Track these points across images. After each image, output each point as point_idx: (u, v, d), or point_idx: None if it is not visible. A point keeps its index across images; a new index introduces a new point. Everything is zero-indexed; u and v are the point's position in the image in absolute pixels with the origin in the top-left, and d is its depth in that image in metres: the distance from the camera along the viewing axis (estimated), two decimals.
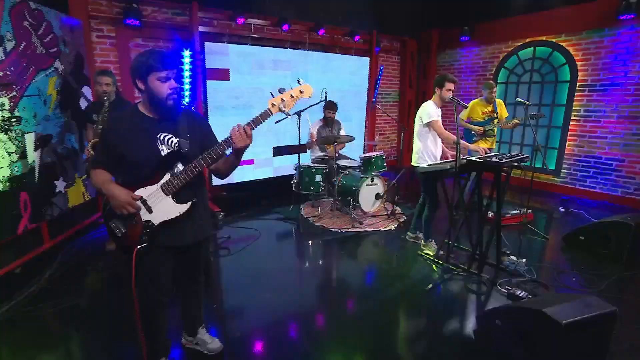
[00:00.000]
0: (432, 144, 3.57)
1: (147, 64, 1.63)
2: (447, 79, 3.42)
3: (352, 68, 6.51)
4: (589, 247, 3.79)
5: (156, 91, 1.66)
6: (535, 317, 2.09)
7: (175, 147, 1.74)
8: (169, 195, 1.74)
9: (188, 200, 1.79)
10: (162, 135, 1.73)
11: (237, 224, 4.61)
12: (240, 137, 1.66)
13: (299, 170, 4.73)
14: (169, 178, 1.73)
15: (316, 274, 3.46)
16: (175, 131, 1.75)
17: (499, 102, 4.86)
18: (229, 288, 3.22)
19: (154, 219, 1.75)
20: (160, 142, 1.73)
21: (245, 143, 1.67)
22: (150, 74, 1.64)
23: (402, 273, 3.43)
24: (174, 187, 1.73)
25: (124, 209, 1.71)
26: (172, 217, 1.77)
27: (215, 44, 4.86)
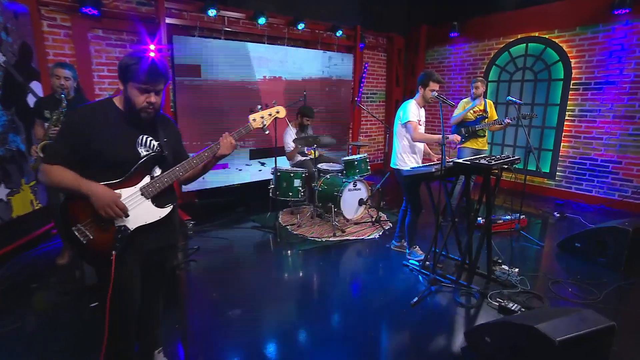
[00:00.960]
0: (412, 144, 3.50)
1: (130, 69, 1.62)
2: (432, 78, 3.35)
3: (337, 65, 6.44)
4: (586, 254, 3.75)
5: (132, 100, 1.66)
6: (527, 333, 2.01)
7: (156, 150, 1.75)
8: (148, 198, 1.73)
9: (168, 204, 1.79)
10: (143, 136, 1.73)
11: (209, 233, 4.45)
12: (226, 145, 1.84)
13: (276, 175, 4.60)
14: (149, 181, 1.72)
15: (292, 288, 3.32)
16: (155, 133, 1.77)
17: (490, 102, 4.85)
18: (195, 305, 3.05)
19: (130, 223, 1.71)
20: (140, 144, 1.72)
21: (229, 151, 1.86)
22: (131, 80, 1.63)
23: (386, 285, 3.32)
24: (155, 190, 1.73)
25: (109, 209, 1.62)
26: (150, 222, 1.75)
27: (185, 38, 4.73)
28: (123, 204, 1.66)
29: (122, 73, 1.64)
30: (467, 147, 4.79)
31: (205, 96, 4.98)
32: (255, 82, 5.46)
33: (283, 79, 5.79)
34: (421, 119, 3.52)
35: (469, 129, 4.75)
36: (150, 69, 1.63)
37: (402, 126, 3.46)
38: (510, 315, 2.75)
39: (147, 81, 1.63)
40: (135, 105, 1.66)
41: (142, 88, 1.63)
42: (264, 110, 1.93)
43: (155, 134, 1.76)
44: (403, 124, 3.44)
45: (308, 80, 6.11)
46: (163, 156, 1.76)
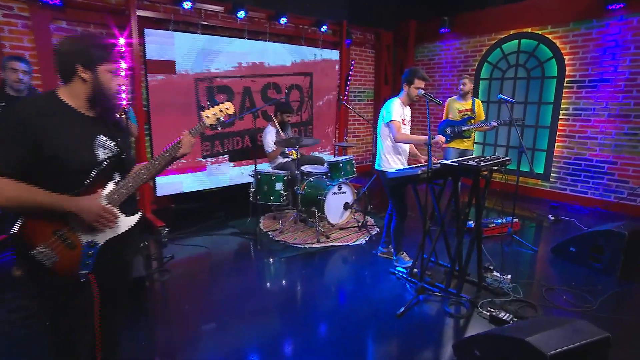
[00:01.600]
0: (396, 145, 3.45)
1: (101, 51, 1.51)
2: (417, 75, 3.29)
3: (320, 65, 6.37)
4: (581, 259, 3.73)
5: (106, 85, 1.54)
6: (517, 346, 1.96)
7: (116, 152, 1.61)
8: (116, 207, 1.59)
9: (135, 211, 1.69)
10: (101, 137, 1.57)
11: (184, 240, 4.34)
12: (188, 144, 1.77)
13: (256, 178, 4.50)
14: (114, 187, 1.59)
15: (272, 298, 3.22)
16: (111, 133, 1.63)
17: (478, 102, 4.84)
18: (165, 319, 2.94)
19: (99, 237, 1.56)
20: (98, 145, 1.56)
21: (189, 150, 1.79)
22: (103, 63, 1.51)
23: (371, 295, 3.25)
24: (121, 197, 1.60)
25: (102, 219, 1.49)
26: (120, 233, 1.62)
27: (158, 32, 4.60)
28: (111, 208, 1.54)
29: (88, 57, 1.48)
30: (452, 147, 4.77)
31: (180, 93, 4.86)
32: (235, 80, 5.36)
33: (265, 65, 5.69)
34: (406, 118, 3.47)
35: (454, 129, 4.74)
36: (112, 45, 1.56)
37: (385, 126, 3.40)
38: (501, 325, 2.70)
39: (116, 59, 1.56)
40: (110, 90, 1.55)
41: (114, 70, 1.54)
42: (214, 107, 1.93)
43: (111, 134, 1.62)
44: (386, 124, 3.38)
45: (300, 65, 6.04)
46: (122, 158, 1.64)
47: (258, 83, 5.65)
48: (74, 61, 1.48)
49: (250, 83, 5.56)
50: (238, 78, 5.42)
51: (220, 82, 5.23)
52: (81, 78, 1.50)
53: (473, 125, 4.68)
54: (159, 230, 4.34)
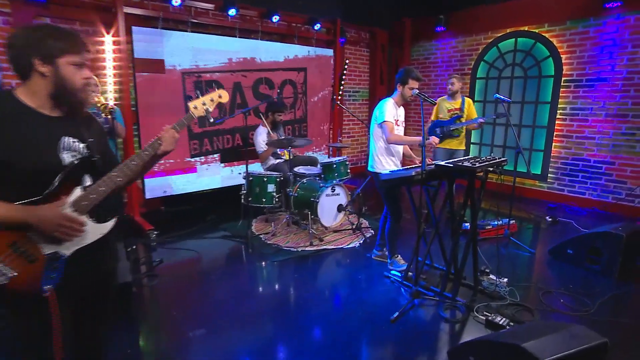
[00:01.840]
0: (389, 145, 3.43)
1: (61, 41, 1.38)
2: (411, 75, 3.28)
3: (314, 61, 6.35)
4: (578, 261, 3.73)
5: (69, 80, 1.41)
6: (513, 352, 1.94)
7: (84, 154, 1.49)
8: (83, 214, 1.46)
9: (111, 216, 1.56)
10: (66, 138, 1.45)
11: (174, 244, 4.30)
12: (168, 140, 1.59)
13: (248, 180, 4.47)
14: (81, 193, 1.45)
15: (263, 303, 3.19)
16: (79, 134, 1.50)
17: (468, 101, 4.86)
18: (151, 326, 2.90)
19: (65, 248, 1.44)
20: (63, 148, 1.44)
21: (171, 147, 1.61)
22: (64, 55, 1.38)
23: (365, 299, 3.22)
24: (90, 203, 1.47)
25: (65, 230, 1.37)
26: (92, 241, 1.50)
27: (146, 29, 4.55)
28: (74, 216, 1.41)
29: (45, 50, 1.36)
30: (442, 147, 4.79)
31: (170, 93, 4.82)
32: (225, 75, 5.32)
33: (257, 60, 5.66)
34: (399, 119, 3.46)
35: (443, 129, 4.77)
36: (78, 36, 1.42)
37: (378, 127, 3.38)
38: (497, 330, 2.68)
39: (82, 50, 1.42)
40: (74, 85, 1.42)
41: (78, 62, 1.42)
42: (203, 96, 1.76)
43: (80, 134, 1.50)
44: (379, 125, 3.37)
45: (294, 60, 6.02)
46: (93, 161, 1.51)
47: (249, 78, 5.60)
48: (30, 54, 1.35)
49: (241, 78, 5.51)
50: (228, 73, 5.38)
51: (209, 77, 5.18)
52: (40, 73, 1.38)
53: (461, 123, 4.71)
54: (148, 234, 4.30)
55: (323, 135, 6.80)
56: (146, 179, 4.83)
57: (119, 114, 3.71)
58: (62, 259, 1.43)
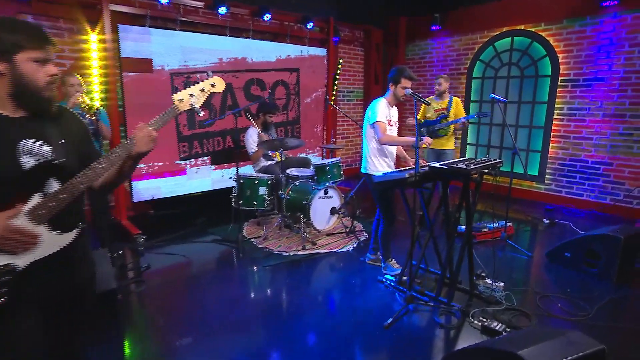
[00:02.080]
0: (382, 146, 3.42)
1: (18, 36, 1.31)
2: (404, 74, 3.26)
3: (307, 61, 6.33)
4: (576, 264, 3.72)
5: (29, 78, 1.33)
6: None
7: (48, 157, 1.41)
8: (41, 224, 1.39)
9: (74, 226, 1.49)
10: (27, 141, 1.38)
11: (163, 249, 4.25)
12: (144, 139, 1.46)
13: (238, 182, 4.43)
14: (40, 201, 1.37)
15: (253, 310, 3.15)
16: (45, 135, 1.42)
17: (457, 100, 4.90)
18: (139, 333, 2.86)
19: (19, 260, 1.37)
20: (23, 152, 1.37)
21: (148, 147, 1.47)
22: (22, 51, 1.31)
23: (358, 305, 3.19)
24: (49, 212, 1.38)
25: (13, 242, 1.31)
26: (50, 253, 1.42)
27: (133, 27, 4.51)
28: (24, 227, 1.33)
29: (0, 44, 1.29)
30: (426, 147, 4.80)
31: (158, 93, 4.77)
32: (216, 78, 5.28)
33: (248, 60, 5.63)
34: (392, 119, 3.44)
35: (428, 128, 4.82)
36: (39, 30, 1.35)
37: (370, 127, 3.37)
38: (493, 336, 2.66)
39: (43, 44, 1.34)
40: (36, 83, 1.35)
41: (40, 58, 1.34)
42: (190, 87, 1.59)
43: (45, 136, 1.42)
44: (371, 125, 3.35)
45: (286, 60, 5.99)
46: (56, 165, 1.42)
47: (240, 79, 5.57)
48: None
49: (232, 79, 5.47)
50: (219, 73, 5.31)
51: (199, 78, 5.14)
52: None
53: (445, 123, 4.77)
54: (136, 239, 4.24)
55: (316, 137, 6.77)
56: (134, 181, 4.78)
57: (105, 115, 3.66)
58: (15, 271, 1.35)
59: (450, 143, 4.92)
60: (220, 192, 5.50)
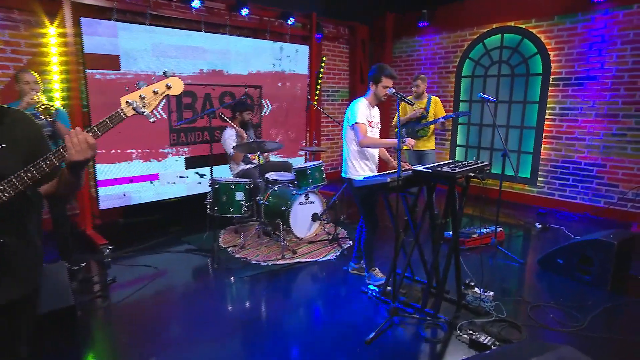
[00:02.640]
0: (365, 150, 3.37)
1: None
2: (384, 73, 3.22)
3: (290, 58, 6.26)
4: (569, 272, 3.70)
5: None
6: None
7: None
8: None
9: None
10: None
11: (131, 260, 4.12)
12: (78, 147, 1.36)
13: (213, 187, 4.33)
14: None
15: (227, 325, 3.04)
16: None
17: (435, 100, 4.95)
18: (100, 354, 2.74)
19: None
20: None
21: (84, 155, 1.38)
22: None
23: (339, 318, 3.11)
24: None
25: None
26: None
27: (98, 21, 4.37)
28: None
29: None
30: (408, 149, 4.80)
31: (125, 93, 4.64)
32: (189, 77, 5.18)
33: (225, 72, 5.54)
34: (374, 120, 3.39)
35: (408, 130, 4.88)
36: None
37: (350, 129, 3.31)
38: (482, 351, 2.61)
39: None
40: None
41: None
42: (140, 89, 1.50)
43: None
44: (351, 126, 3.30)
45: (256, 75, 5.89)
46: None
47: (217, 90, 5.54)
48: None
49: (210, 90, 5.46)
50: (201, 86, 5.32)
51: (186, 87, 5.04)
52: None
53: (426, 123, 4.83)
54: (101, 249, 4.11)
55: (299, 139, 6.69)
56: (100, 187, 4.64)
57: (64, 116, 3.53)
58: None
59: (431, 143, 4.98)
60: (197, 198, 5.37)
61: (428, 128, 4.87)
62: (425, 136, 4.91)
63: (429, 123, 4.81)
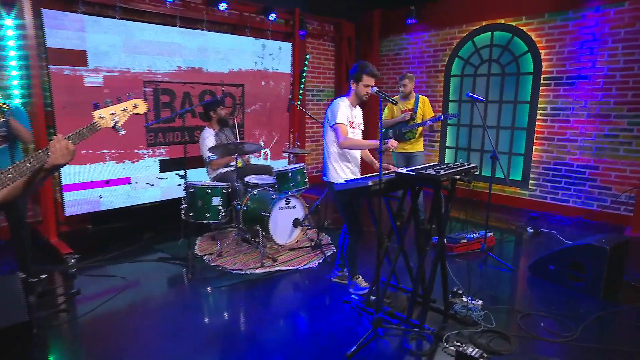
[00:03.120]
0: (346, 152, 3.31)
1: None
2: (365, 71, 3.17)
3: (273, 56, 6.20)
4: (561, 278, 3.68)
5: None
6: None
7: None
8: None
9: None
10: None
11: (100, 270, 3.99)
12: (61, 152, 1.56)
13: (188, 191, 4.22)
14: None
15: (198, 340, 2.94)
16: None
17: (423, 99, 4.90)
18: None
19: None
20: None
21: (65, 160, 1.59)
22: None
23: (319, 330, 3.03)
24: None
25: None
26: None
27: (63, 14, 4.24)
28: None
29: None
30: (397, 151, 4.85)
31: (95, 91, 4.53)
32: (165, 74, 5.08)
33: (204, 70, 5.45)
34: (355, 121, 3.34)
35: (396, 132, 4.82)
36: None
37: (331, 130, 3.25)
38: None
39: None
40: None
41: None
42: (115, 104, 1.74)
43: None
44: (331, 127, 3.24)
45: (237, 74, 5.81)
46: None
47: (197, 89, 5.45)
48: None
49: (190, 88, 5.38)
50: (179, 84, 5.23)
51: (147, 76, 4.94)
52: None
53: (413, 125, 4.77)
54: (65, 259, 3.97)
55: (282, 141, 6.61)
56: (66, 192, 4.50)
57: (22, 115, 3.39)
58: None
59: (419, 145, 4.92)
60: (174, 203, 5.26)
61: (416, 130, 4.83)
62: (413, 138, 4.87)
63: (417, 125, 4.78)
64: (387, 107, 4.94)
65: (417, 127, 4.79)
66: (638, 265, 4.19)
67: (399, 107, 4.86)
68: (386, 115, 4.93)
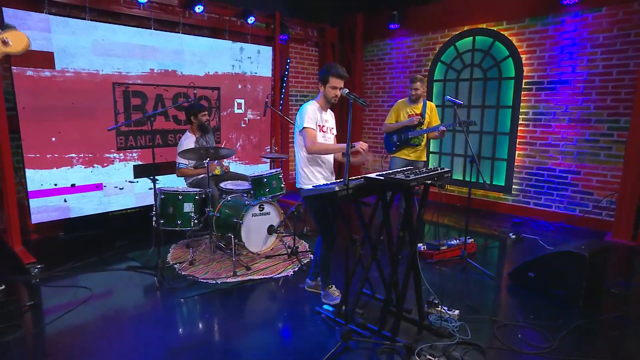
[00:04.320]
0: (316, 156, 3.16)
1: None
2: (332, 72, 3.04)
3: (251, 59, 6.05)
4: (541, 286, 3.54)
5: None
6: None
7: None
8: None
9: None
10: None
11: (64, 280, 3.78)
12: None
13: (159, 197, 4.04)
14: None
15: (158, 353, 2.75)
16: None
17: (431, 105, 4.67)
18: None
19: None
20: None
21: None
22: None
23: (288, 344, 2.87)
24: None
25: None
26: None
27: (27, 13, 4.06)
28: None
29: None
30: (399, 157, 4.60)
31: (62, 94, 4.34)
32: (137, 76, 4.90)
33: (179, 73, 5.28)
34: (326, 125, 3.19)
35: (401, 137, 4.56)
36: None
37: (299, 134, 3.10)
38: None
39: None
40: None
41: None
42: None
43: None
44: (299, 132, 3.09)
45: (213, 77, 5.65)
46: None
47: (170, 91, 5.28)
48: None
49: (163, 91, 5.20)
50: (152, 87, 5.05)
51: (118, 73, 4.77)
52: None
53: (421, 131, 4.50)
54: (28, 269, 3.76)
55: (262, 146, 6.45)
56: (34, 198, 4.29)
57: None
58: None
59: (423, 155, 4.66)
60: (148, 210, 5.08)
61: (422, 136, 4.53)
62: (418, 145, 4.56)
63: (426, 131, 4.46)
64: (392, 110, 4.67)
65: (426, 133, 4.48)
66: (619, 271, 4.09)
67: (405, 111, 4.59)
68: (391, 119, 4.66)
